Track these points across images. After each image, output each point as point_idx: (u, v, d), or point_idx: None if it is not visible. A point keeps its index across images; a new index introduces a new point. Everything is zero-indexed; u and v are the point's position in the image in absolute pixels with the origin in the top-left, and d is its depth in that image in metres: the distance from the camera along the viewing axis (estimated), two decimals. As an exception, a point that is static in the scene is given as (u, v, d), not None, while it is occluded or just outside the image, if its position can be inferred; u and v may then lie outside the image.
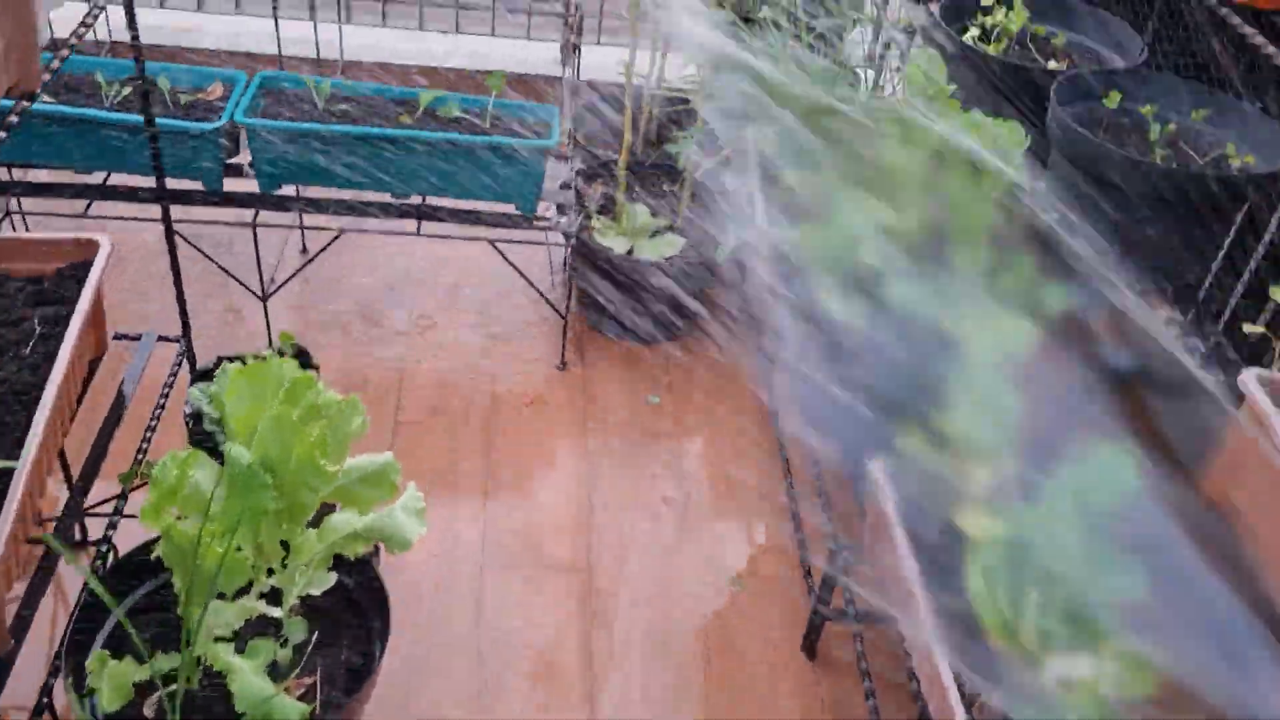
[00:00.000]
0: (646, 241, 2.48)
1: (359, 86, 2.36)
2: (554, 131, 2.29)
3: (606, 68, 3.36)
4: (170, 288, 1.84)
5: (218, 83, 2.32)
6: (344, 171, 2.24)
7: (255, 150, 2.21)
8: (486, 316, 2.58)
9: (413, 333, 2.50)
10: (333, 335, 2.47)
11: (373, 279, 2.62)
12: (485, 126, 2.31)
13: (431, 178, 2.26)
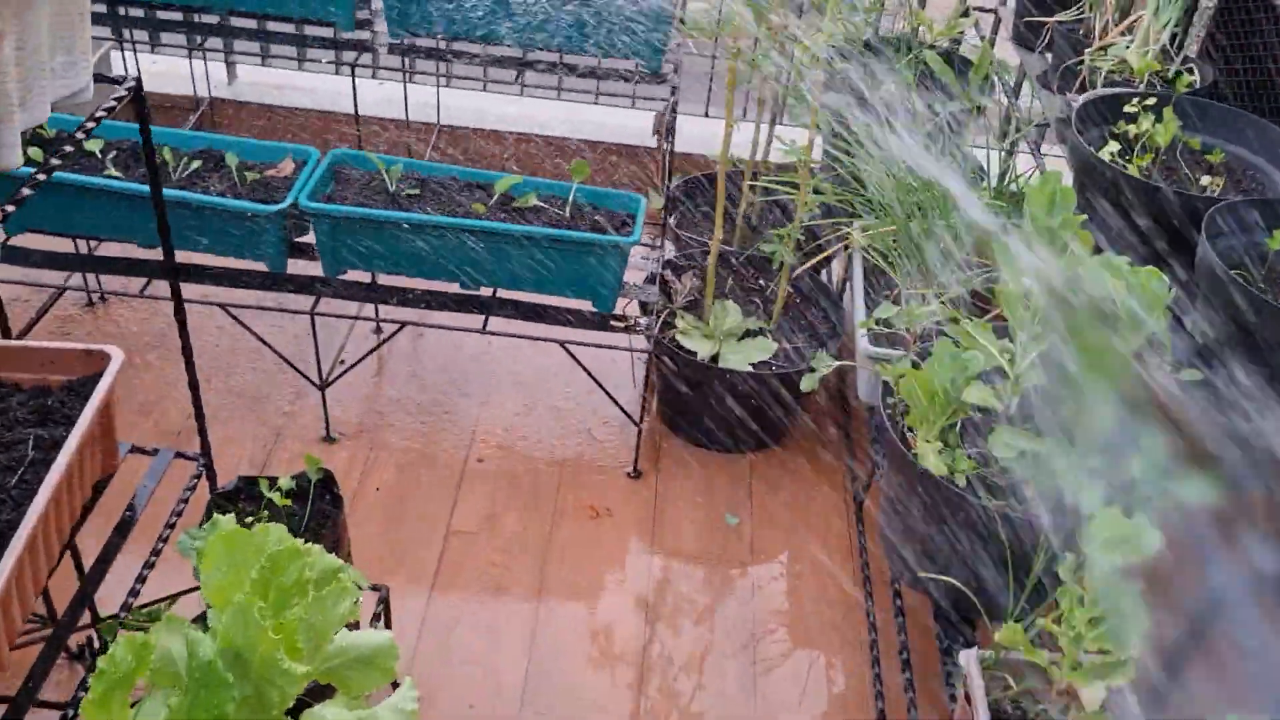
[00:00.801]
0: (734, 345, 2.26)
1: (434, 168, 2.21)
2: (637, 226, 2.10)
3: (711, 141, 3.18)
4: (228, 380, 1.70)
5: (289, 158, 2.20)
6: (411, 259, 2.09)
7: (320, 234, 2.08)
8: (558, 415, 2.39)
9: (476, 430, 2.33)
10: (391, 430, 2.32)
11: (441, 369, 2.47)
12: (565, 217, 2.13)
13: (503, 270, 2.10)
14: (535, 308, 2.16)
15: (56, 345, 1.46)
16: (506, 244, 2.05)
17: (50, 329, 2.46)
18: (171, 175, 2.12)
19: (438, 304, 2.15)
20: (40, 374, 1.47)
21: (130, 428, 2.26)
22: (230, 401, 2.34)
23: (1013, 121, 2.50)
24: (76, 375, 1.48)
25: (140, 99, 1.27)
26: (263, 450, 2.24)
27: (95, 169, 2.12)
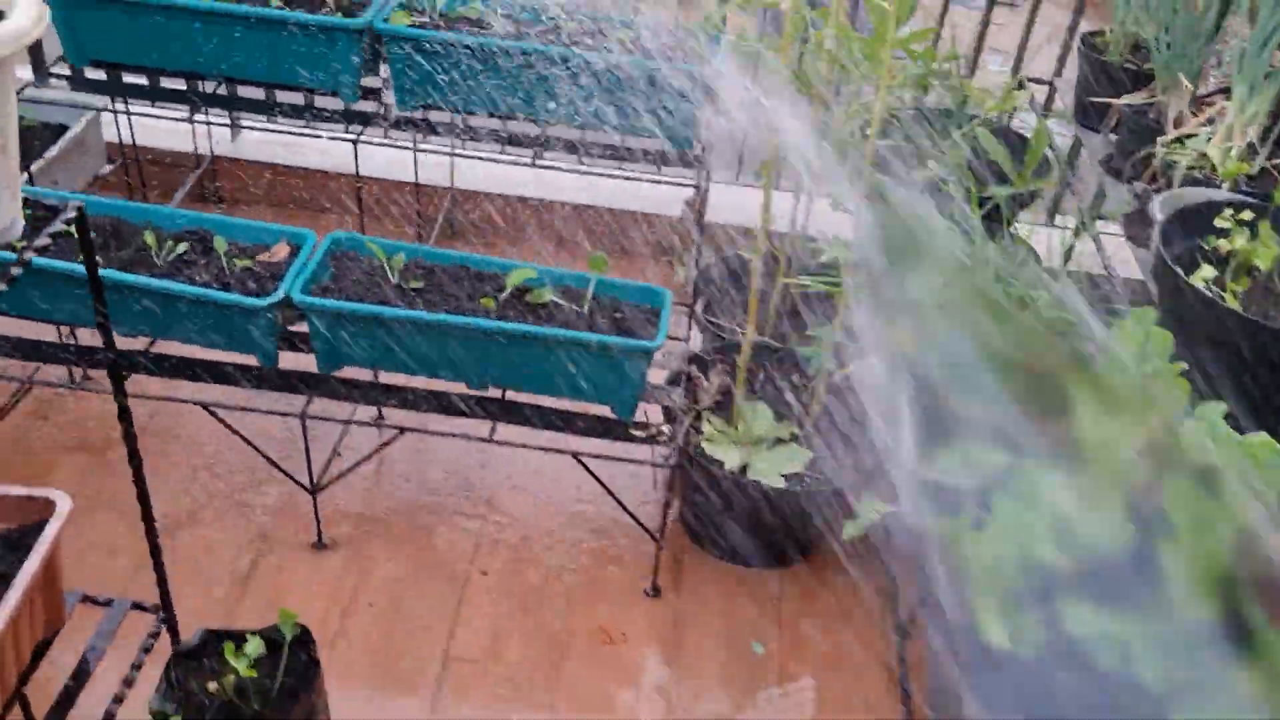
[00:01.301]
0: (765, 454, 2.06)
1: (441, 255, 2.03)
2: (661, 327, 1.90)
3: (743, 210, 2.99)
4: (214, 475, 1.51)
5: (283, 242, 2.02)
6: (414, 357, 1.91)
7: (314, 328, 1.90)
8: (570, 523, 2.19)
9: (481, 538, 2.14)
10: (388, 536, 2.12)
11: (446, 469, 2.27)
12: (583, 313, 1.94)
13: (515, 372, 1.91)
14: (548, 412, 1.97)
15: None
16: (518, 345, 1.86)
17: (29, 408, 2.28)
18: (155, 259, 1.94)
19: (442, 406, 1.96)
20: (-24, 520, 1.29)
21: (94, 533, 2.07)
22: (215, 500, 2.15)
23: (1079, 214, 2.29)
24: (16, 523, 1.29)
25: (83, 227, 1.08)
26: (248, 558, 2.05)
27: (73, 251, 1.94)
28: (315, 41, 2.01)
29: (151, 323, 1.93)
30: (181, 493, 2.16)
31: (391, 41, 2.01)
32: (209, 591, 1.99)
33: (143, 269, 1.92)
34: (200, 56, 2.05)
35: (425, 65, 2.01)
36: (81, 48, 2.06)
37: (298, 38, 2.01)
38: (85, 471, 2.19)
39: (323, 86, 2.09)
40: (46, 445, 2.23)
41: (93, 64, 2.11)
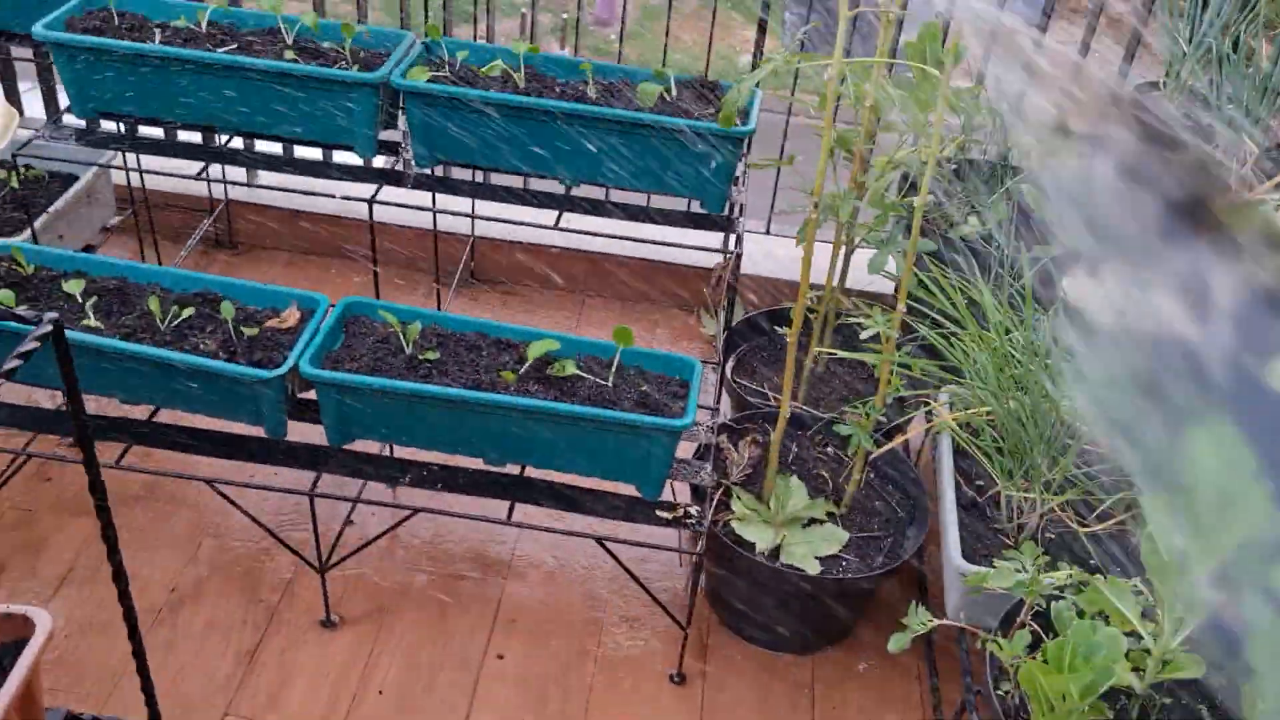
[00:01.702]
0: (799, 533, 1.95)
1: (459, 323, 1.93)
2: (690, 404, 1.79)
3: (774, 261, 2.88)
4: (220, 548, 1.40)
5: (294, 306, 1.92)
6: (428, 432, 1.80)
7: (324, 401, 1.80)
8: (591, 603, 2.08)
9: (497, 619, 2.03)
10: (400, 614, 2.02)
11: (462, 543, 2.16)
12: (608, 387, 1.83)
13: (534, 449, 1.80)
14: (569, 491, 1.86)
15: (-32, 607, 1.18)
16: (538, 422, 1.75)
17: (29, 473, 2.19)
18: (159, 325, 1.85)
19: (458, 484, 1.86)
20: (-49, 638, 1.19)
21: (91, 610, 1.98)
22: (219, 574, 2.05)
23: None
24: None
25: (61, 339, 0.98)
26: (253, 637, 1.95)
27: (73, 315, 1.85)
28: (329, 96, 1.92)
29: (153, 392, 1.84)
30: (187, 563, 2.07)
31: (409, 97, 1.91)
32: (212, 673, 1.89)
33: (146, 335, 1.83)
34: (210, 110, 1.96)
35: (443, 122, 1.92)
36: (88, 100, 1.97)
37: (311, 91, 1.92)
38: (86, 540, 2.10)
39: (338, 141, 2.00)
40: (48, 509, 2.14)
41: (102, 115, 2.02)
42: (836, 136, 1.99)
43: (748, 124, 1.91)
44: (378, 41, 2.05)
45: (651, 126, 1.86)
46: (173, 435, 1.88)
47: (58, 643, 1.90)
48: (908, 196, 2.20)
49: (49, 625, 1.16)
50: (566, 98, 1.93)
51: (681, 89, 2.03)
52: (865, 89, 1.95)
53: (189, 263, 2.80)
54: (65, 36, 1.91)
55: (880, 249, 2.00)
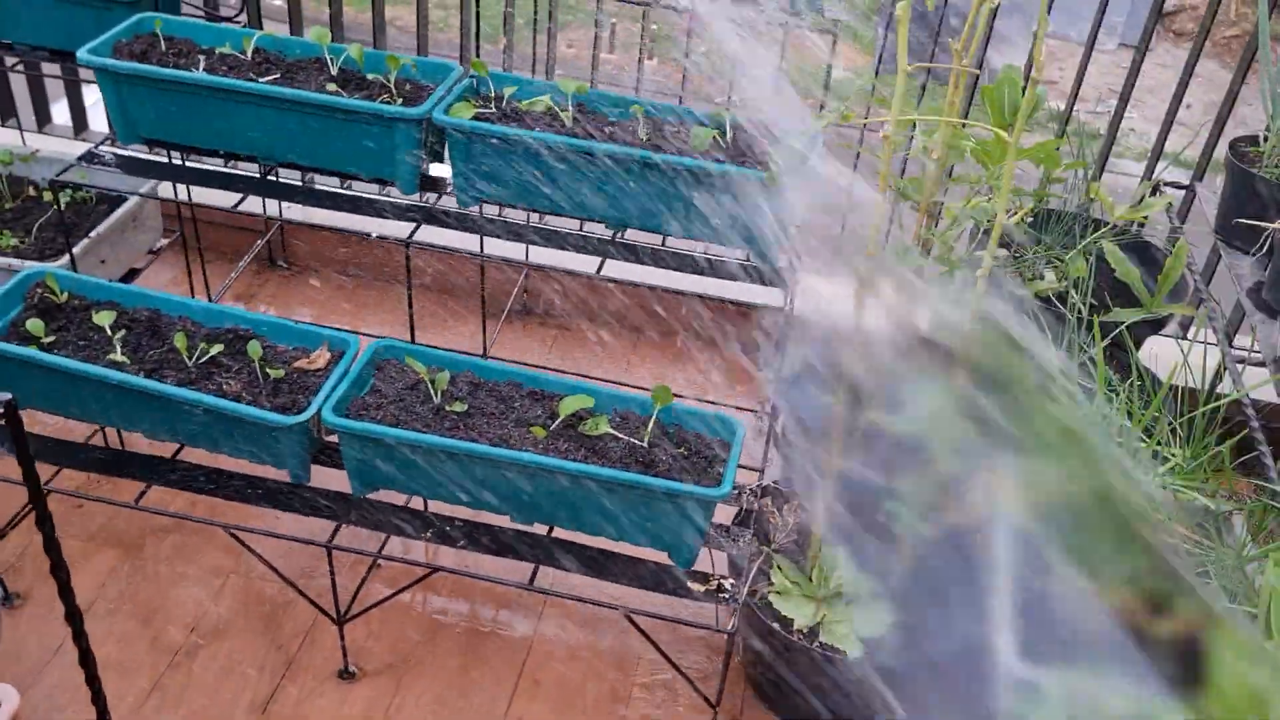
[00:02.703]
0: (841, 612, 1.83)
1: (491, 371, 1.84)
2: (729, 471, 1.69)
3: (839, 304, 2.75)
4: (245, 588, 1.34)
5: (324, 347, 1.86)
6: (451, 486, 1.72)
7: (347, 449, 1.73)
8: (618, 664, 1.98)
9: (520, 678, 1.94)
10: (420, 668, 1.94)
11: (484, 608, 2.08)
12: (642, 446, 1.73)
13: (560, 510, 1.71)
14: (597, 556, 1.76)
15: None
16: (565, 482, 1.66)
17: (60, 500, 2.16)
18: (186, 362, 1.80)
19: (482, 542, 1.77)
20: (-82, 711, 1.14)
21: (110, 648, 1.93)
22: (241, 615, 2.00)
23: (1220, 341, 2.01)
24: (-39, 718, 1.13)
25: (15, 420, 0.92)
26: (269, 684, 1.89)
27: (101, 347, 1.81)
28: (370, 129, 1.85)
29: (175, 430, 1.79)
30: (209, 602, 2.02)
31: (452, 133, 1.84)
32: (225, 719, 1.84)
33: (172, 371, 1.78)
34: (251, 139, 1.91)
35: (487, 159, 1.84)
36: (132, 127, 1.93)
37: (351, 124, 1.85)
38: (113, 570, 2.06)
39: (379, 176, 1.93)
40: (78, 536, 2.11)
41: (146, 142, 1.98)
42: (899, 187, 1.87)
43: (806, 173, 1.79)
44: (425, 74, 1.98)
45: (694, 173, 1.76)
46: (194, 477, 1.83)
47: (66, 679, 1.86)
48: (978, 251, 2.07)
49: (15, 704, 1.10)
50: (615, 139, 1.84)
51: (738, 133, 1.92)
52: (934, 139, 1.83)
53: (240, 284, 2.77)
54: (109, 62, 1.87)
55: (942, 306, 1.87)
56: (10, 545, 2.03)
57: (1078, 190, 2.39)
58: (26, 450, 0.94)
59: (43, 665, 1.88)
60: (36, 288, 1.88)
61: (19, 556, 2.04)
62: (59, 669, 1.87)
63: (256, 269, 2.84)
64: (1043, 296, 2.23)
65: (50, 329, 1.83)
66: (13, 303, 1.85)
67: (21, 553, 2.05)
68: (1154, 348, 2.26)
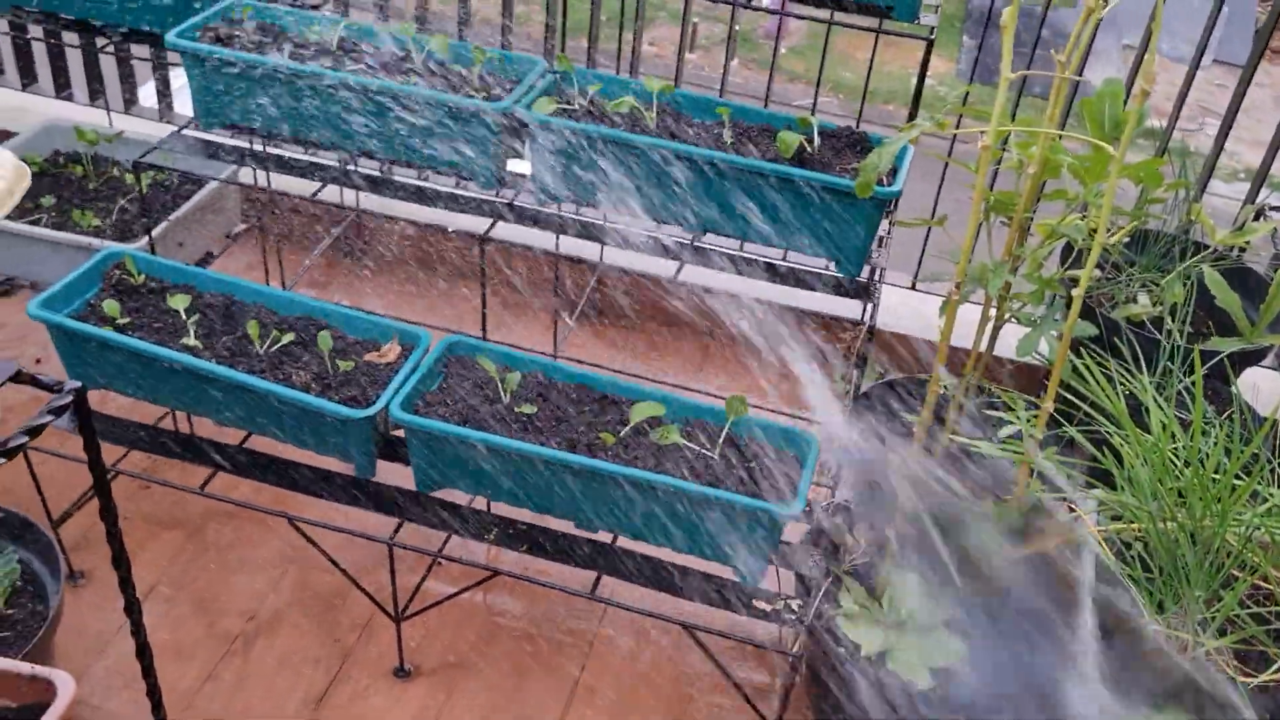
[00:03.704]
0: (911, 640, 1.76)
1: (562, 372, 1.81)
2: (802, 487, 1.63)
3: (917, 318, 2.68)
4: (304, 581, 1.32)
5: (394, 341, 1.84)
6: (516, 488, 1.69)
7: (413, 446, 1.71)
8: (675, 686, 1.93)
9: (575, 699, 1.90)
10: (476, 672, 1.91)
11: (544, 613, 2.04)
12: (713, 458, 1.69)
13: (625, 518, 1.67)
14: (661, 568, 1.72)
15: None
16: (631, 491, 1.62)
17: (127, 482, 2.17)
18: (258, 350, 1.79)
19: (544, 547, 1.74)
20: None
21: (169, 630, 1.93)
22: (299, 606, 1.99)
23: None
24: (16, 703, 1.12)
25: (83, 409, 0.90)
26: (322, 682, 1.87)
27: (175, 331, 1.81)
28: (450, 123, 1.83)
29: (243, 417, 1.78)
30: (268, 591, 2.01)
31: (532, 130, 1.80)
32: (278, 715, 1.82)
33: (243, 359, 1.77)
34: (331, 128, 1.89)
35: (566, 158, 1.80)
36: (216, 111, 1.93)
37: (433, 117, 1.83)
38: (175, 552, 2.06)
39: (460, 170, 1.90)
40: (143, 517, 2.12)
41: (228, 128, 1.98)
42: (994, 200, 1.80)
43: (894, 184, 1.73)
44: (509, 68, 1.96)
45: (782, 179, 1.71)
46: (261, 466, 1.82)
47: (122, 662, 1.86)
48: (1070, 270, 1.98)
49: (71, 692, 1.09)
50: (699, 142, 1.79)
51: (826, 139, 1.87)
52: (1030, 152, 1.75)
53: (313, 272, 2.77)
54: (195, 45, 1.87)
55: (1033, 329, 1.79)
56: (75, 524, 2.04)
57: (1177, 211, 2.29)
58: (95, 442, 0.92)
59: (102, 645, 1.88)
60: (115, 268, 1.89)
61: (84, 535, 2.05)
62: (117, 650, 1.87)
63: (330, 258, 2.84)
64: (1135, 321, 2.14)
65: (126, 310, 1.83)
66: (91, 282, 1.86)
67: (86, 532, 2.06)
68: (1254, 379, 2.16)
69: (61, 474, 1.99)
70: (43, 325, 1.76)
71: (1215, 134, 2.42)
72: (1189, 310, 2.09)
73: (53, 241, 2.11)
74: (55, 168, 2.40)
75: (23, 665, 1.10)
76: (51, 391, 0.88)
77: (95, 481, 0.98)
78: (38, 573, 1.78)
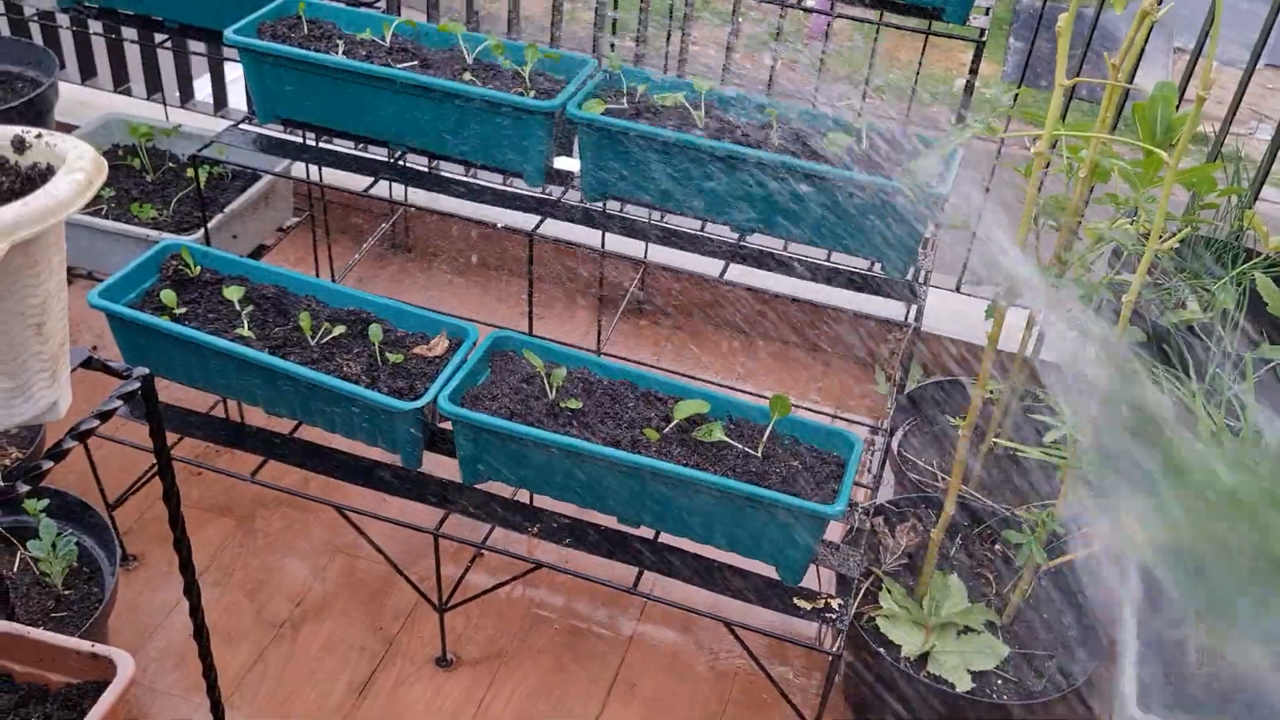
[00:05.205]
0: (952, 641, 1.76)
1: (607, 368, 1.83)
2: (844, 488, 1.64)
3: (960, 321, 2.67)
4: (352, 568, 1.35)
5: (443, 335, 1.86)
6: (561, 483, 1.71)
7: (460, 439, 1.73)
8: (714, 684, 1.95)
9: (615, 691, 1.92)
10: (517, 662, 1.94)
11: (585, 606, 2.06)
12: (756, 457, 1.70)
13: (669, 514, 1.68)
14: (703, 565, 1.73)
15: (60, 642, 1.15)
16: (675, 488, 1.64)
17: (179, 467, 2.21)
18: (309, 341, 1.82)
19: (587, 540, 1.76)
20: (38, 670, 1.16)
21: (218, 614, 1.97)
22: (345, 593, 2.02)
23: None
24: (78, 679, 1.16)
25: (150, 397, 0.92)
26: (366, 669, 1.90)
27: (229, 321, 1.84)
28: (501, 121, 1.85)
29: (294, 407, 1.81)
30: (315, 578, 2.04)
31: (581, 129, 1.82)
32: (323, 699, 1.85)
33: (295, 350, 1.81)
34: (384, 124, 1.92)
35: (615, 156, 1.82)
36: (271, 106, 1.97)
37: (482, 115, 1.85)
38: (225, 539, 2.10)
39: (508, 167, 1.93)
40: (194, 504, 2.16)
41: (283, 122, 2.02)
42: (1044, 204, 1.79)
43: (943, 185, 1.73)
44: (560, 67, 1.98)
45: (829, 180, 1.72)
46: (311, 455, 1.85)
47: (174, 643, 1.90)
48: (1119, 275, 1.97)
49: (130, 671, 1.12)
50: (746, 142, 1.80)
51: (873, 139, 1.87)
52: (1080, 156, 1.75)
53: (362, 264, 2.81)
54: (252, 42, 1.90)
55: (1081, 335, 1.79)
56: (129, 508, 2.09)
57: (1229, 217, 2.27)
58: (161, 428, 0.95)
59: (154, 627, 1.92)
60: (171, 259, 1.93)
61: (137, 520, 2.10)
62: (169, 631, 1.92)
63: (379, 250, 2.87)
64: (1184, 327, 2.12)
65: (182, 300, 1.87)
66: (149, 273, 1.90)
67: (140, 516, 2.10)
68: (1304, 389, 2.13)
69: (116, 458, 2.04)
70: (98, 313, 1.80)
71: (1269, 139, 2.39)
72: (1240, 317, 2.06)
73: (112, 233, 2.16)
74: (115, 160, 2.45)
75: (84, 643, 1.13)
76: (120, 378, 0.91)
77: (160, 467, 1.00)
78: (94, 554, 1.82)
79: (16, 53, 2.57)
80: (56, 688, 1.15)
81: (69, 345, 0.82)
